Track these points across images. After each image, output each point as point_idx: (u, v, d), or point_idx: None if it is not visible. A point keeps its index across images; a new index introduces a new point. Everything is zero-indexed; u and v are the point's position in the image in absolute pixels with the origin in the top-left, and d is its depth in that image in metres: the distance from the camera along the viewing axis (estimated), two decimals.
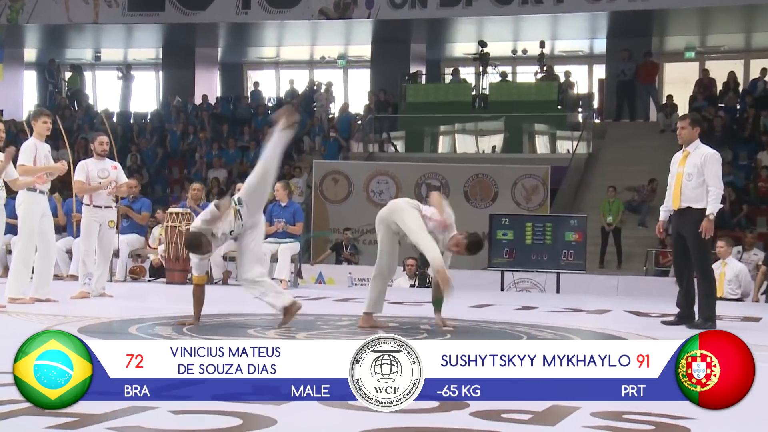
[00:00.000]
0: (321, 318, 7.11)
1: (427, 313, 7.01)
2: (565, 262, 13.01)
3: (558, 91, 21.43)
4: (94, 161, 9.12)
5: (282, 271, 11.18)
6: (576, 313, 8.91)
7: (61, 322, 6.37)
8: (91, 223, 9.00)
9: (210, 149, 21.62)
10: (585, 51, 25.39)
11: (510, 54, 24.21)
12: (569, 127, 21.36)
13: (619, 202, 16.78)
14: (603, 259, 16.54)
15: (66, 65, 27.12)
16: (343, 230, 16.02)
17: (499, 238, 13.08)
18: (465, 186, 17.50)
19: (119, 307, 8.23)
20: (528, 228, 13.23)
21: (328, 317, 7.29)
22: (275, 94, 27.24)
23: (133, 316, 7.08)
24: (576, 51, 25.35)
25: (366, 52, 25.01)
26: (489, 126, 21.66)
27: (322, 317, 7.19)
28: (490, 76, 22.26)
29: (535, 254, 13.16)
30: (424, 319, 7.17)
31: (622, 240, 16.64)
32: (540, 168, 17.55)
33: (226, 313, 7.53)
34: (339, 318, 7.34)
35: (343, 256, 15.88)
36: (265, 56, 28.00)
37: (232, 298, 9.68)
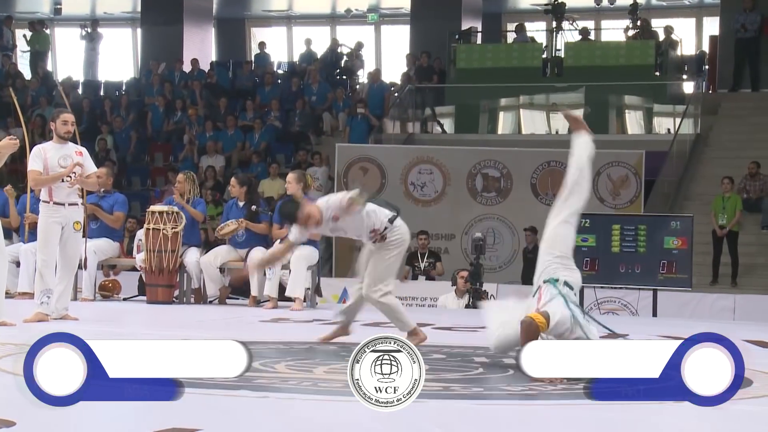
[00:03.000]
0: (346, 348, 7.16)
1: (482, 341, 7.04)
2: (665, 277, 12.94)
3: (656, 52, 21.32)
4: (54, 145, 9.20)
5: (296, 287, 11.23)
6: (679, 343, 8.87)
7: (13, 353, 6.48)
8: (51, 226, 9.08)
9: (203, 130, 21.79)
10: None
11: (593, 4, 24.13)
12: (671, 100, 21.25)
13: (737, 198, 16.67)
14: (716, 272, 16.44)
15: (23, 21, 27.44)
16: (417, 234, 15.68)
17: (577, 244, 13.03)
18: (533, 177, 17.47)
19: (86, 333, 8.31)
20: (615, 231, 13.17)
21: (355, 347, 7.33)
22: (287, 59, 27.41)
23: None
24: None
25: (405, 2, 25.06)
26: (565, 99, 21.59)
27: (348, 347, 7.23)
28: (566, 34, 22.20)
29: (625, 266, 13.09)
30: (479, 349, 7.21)
31: (740, 248, 16.52)
32: (631, 154, 17.47)
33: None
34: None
35: (420, 270, 15.46)
36: (274, 8, 28.17)
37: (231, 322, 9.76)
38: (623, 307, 13.62)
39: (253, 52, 27.14)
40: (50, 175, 9.06)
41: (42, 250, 9.11)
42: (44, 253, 9.09)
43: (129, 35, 28.80)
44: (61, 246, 9.16)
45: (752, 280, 16.31)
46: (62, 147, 9.19)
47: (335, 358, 6.75)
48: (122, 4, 27.63)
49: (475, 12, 24.62)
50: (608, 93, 21.03)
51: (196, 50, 25.65)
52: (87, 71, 26.44)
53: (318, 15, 28.11)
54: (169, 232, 11.43)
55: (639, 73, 20.89)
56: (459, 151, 18.59)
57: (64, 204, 9.13)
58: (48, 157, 9.10)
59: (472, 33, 23.85)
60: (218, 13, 27.19)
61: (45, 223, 9.11)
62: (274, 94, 22.76)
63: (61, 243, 9.15)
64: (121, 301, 12.52)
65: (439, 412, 4.80)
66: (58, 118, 9.22)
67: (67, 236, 9.15)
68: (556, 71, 21.71)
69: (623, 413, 4.94)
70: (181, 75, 24.52)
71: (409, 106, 22.05)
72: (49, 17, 28.48)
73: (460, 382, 5.82)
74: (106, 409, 4.72)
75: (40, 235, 9.18)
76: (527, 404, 5.15)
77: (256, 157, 20.67)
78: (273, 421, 4.47)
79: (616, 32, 23.48)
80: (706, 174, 18.70)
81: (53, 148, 9.19)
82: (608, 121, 21.11)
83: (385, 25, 27.51)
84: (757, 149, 18.66)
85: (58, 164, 9.08)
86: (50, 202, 9.10)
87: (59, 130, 9.18)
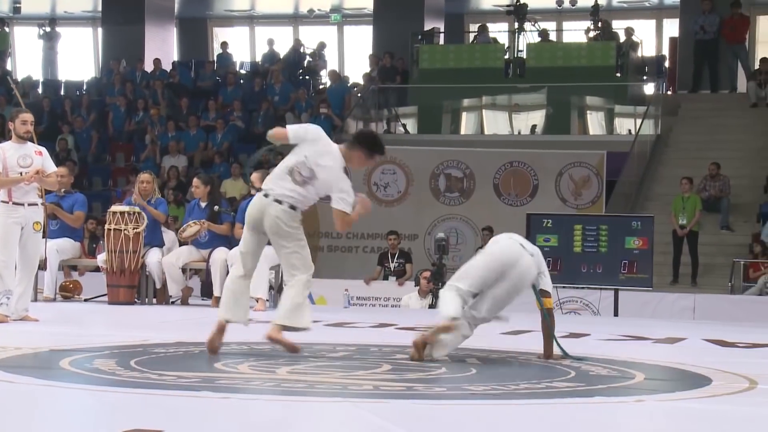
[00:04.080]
0: (310, 348, 7.16)
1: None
2: (626, 277, 13.04)
3: (617, 53, 21.45)
4: (13, 145, 9.13)
5: (258, 287, 11.19)
6: (640, 342, 8.94)
7: None
8: (11, 226, 9.02)
9: (165, 130, 21.71)
10: (653, 1, 25.42)
11: (554, 6, 24.25)
12: (631, 101, 21.39)
13: (696, 199, 16.80)
14: (676, 272, 16.57)
15: None
16: (387, 234, 15.67)
17: (539, 244, 13.10)
18: (495, 178, 17.54)
19: (48, 334, 8.28)
20: (577, 232, 13.26)
21: (318, 347, 7.34)
22: (249, 59, 27.34)
23: (66, 345, 7.14)
24: (641, 1, 25.39)
25: (368, 3, 25.07)
26: (527, 99, 21.69)
27: (312, 347, 7.23)
28: (528, 35, 22.30)
29: (587, 266, 13.19)
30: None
31: (699, 248, 16.66)
32: (593, 154, 17.58)
33: (188, 341, 7.58)
34: (332, 348, 7.39)
35: (390, 271, 15.40)
36: (236, 8, 28.09)
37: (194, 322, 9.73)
38: (585, 307, 13.69)
39: (216, 52, 27.05)
40: (9, 177, 8.99)
41: (1, 251, 9.03)
42: (3, 254, 9.00)
43: (90, 34, 28.63)
44: (21, 246, 9.10)
45: (712, 280, 16.46)
46: (21, 147, 9.14)
47: (298, 359, 6.74)
48: (83, 3, 27.46)
49: (437, 13, 24.67)
50: (570, 94, 21.15)
51: (158, 50, 25.54)
52: (46, 70, 26.27)
53: (280, 15, 28.06)
54: (131, 232, 11.39)
55: (600, 74, 21.02)
56: (422, 151, 18.63)
57: (23, 204, 9.07)
58: (7, 156, 9.04)
59: (435, 33, 23.91)
60: (180, 12, 27.08)
61: (4, 223, 9.02)
62: (236, 94, 22.70)
63: (21, 243, 9.09)
64: (82, 301, 12.45)
65: (402, 412, 4.81)
66: (18, 118, 9.17)
67: (26, 237, 9.09)
68: (518, 72, 21.80)
69: (586, 412, 4.97)
70: (142, 75, 24.41)
71: (372, 106, 22.07)
72: (8, 16, 28.25)
73: (423, 382, 5.83)
74: (68, 411, 4.70)
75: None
76: (490, 404, 5.16)
77: (219, 158, 20.61)
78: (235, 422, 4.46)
79: (577, 33, 23.60)
80: (667, 174, 18.84)
81: (12, 147, 9.14)
82: (570, 121, 21.24)
83: (347, 26, 27.51)
84: (717, 150, 18.83)
85: (17, 164, 9.03)
86: (9, 202, 9.03)
87: (18, 129, 9.13)
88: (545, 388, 5.65)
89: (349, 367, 6.41)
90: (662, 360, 7.32)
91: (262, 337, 6.97)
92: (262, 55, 25.76)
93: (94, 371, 5.85)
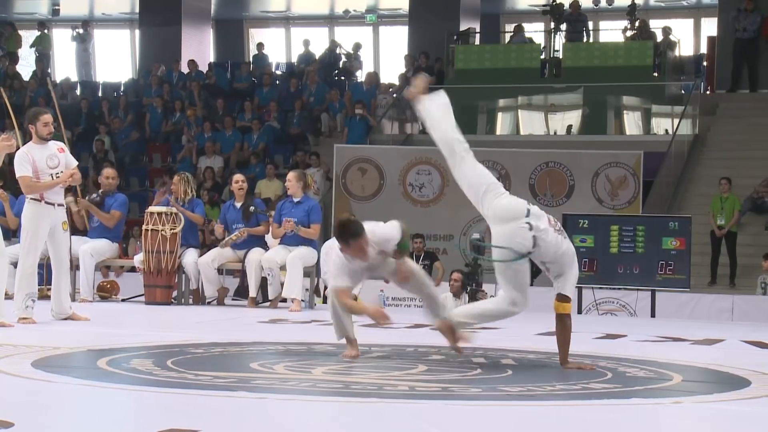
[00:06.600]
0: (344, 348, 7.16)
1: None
2: (663, 278, 12.96)
3: (654, 53, 21.34)
4: (37, 147, 9.10)
5: (293, 288, 11.22)
6: (677, 344, 8.88)
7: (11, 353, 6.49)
8: (42, 229, 8.97)
9: (201, 131, 21.81)
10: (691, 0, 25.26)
11: (591, 5, 24.16)
12: (669, 101, 21.27)
13: (735, 199, 16.69)
14: (714, 273, 16.45)
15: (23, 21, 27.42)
16: (413, 238, 15.76)
17: (576, 245, 13.04)
18: (531, 178, 17.48)
19: (85, 333, 8.34)
20: (614, 232, 13.20)
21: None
22: (285, 60, 27.42)
23: (104, 345, 7.19)
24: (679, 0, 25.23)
25: (403, 3, 25.08)
26: (563, 100, 21.62)
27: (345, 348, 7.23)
28: (565, 35, 22.21)
29: (623, 266, 13.12)
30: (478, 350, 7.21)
31: (738, 249, 16.54)
32: (630, 154, 17.49)
33: (224, 341, 7.62)
34: (367, 348, 7.39)
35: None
36: (272, 9, 28.18)
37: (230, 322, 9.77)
38: (621, 308, 13.63)
39: (252, 53, 27.16)
40: (45, 182, 8.99)
41: (31, 251, 8.96)
42: (32, 256, 8.96)
43: (127, 36, 28.82)
44: (54, 247, 9.12)
45: (750, 281, 16.32)
46: (44, 147, 9.14)
47: (334, 359, 6.75)
48: (120, 5, 27.64)
49: (473, 13, 24.64)
50: (606, 94, 21.06)
51: (194, 51, 25.68)
52: (80, 72, 26.44)
53: (316, 16, 28.13)
54: (168, 233, 11.45)
55: (637, 73, 20.90)
56: None
57: (53, 204, 9.09)
58: (35, 159, 9.04)
59: (471, 34, 23.86)
60: (216, 14, 27.21)
61: (36, 225, 8.98)
62: (272, 95, 22.76)
63: (54, 244, 9.10)
64: (120, 302, 12.53)
65: (438, 413, 4.81)
66: (39, 120, 9.12)
67: (57, 237, 9.09)
68: (554, 72, 21.73)
69: (623, 414, 4.95)
70: (179, 76, 24.54)
71: (407, 107, 22.03)
72: (48, 18, 28.50)
73: (458, 383, 5.83)
74: (105, 410, 4.73)
75: (28, 235, 9.01)
76: (526, 405, 5.15)
77: (255, 158, 20.67)
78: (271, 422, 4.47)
79: (614, 33, 23.49)
80: (704, 175, 18.71)
81: (37, 149, 9.09)
82: (606, 121, 21.16)
83: (383, 26, 27.53)
84: (755, 149, 18.69)
85: (46, 165, 9.03)
86: (42, 201, 9.00)
87: (41, 131, 9.11)
88: (581, 390, 5.62)
89: (384, 368, 6.41)
90: (700, 361, 7.27)
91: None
92: (297, 55, 25.82)
93: (132, 371, 5.88)
